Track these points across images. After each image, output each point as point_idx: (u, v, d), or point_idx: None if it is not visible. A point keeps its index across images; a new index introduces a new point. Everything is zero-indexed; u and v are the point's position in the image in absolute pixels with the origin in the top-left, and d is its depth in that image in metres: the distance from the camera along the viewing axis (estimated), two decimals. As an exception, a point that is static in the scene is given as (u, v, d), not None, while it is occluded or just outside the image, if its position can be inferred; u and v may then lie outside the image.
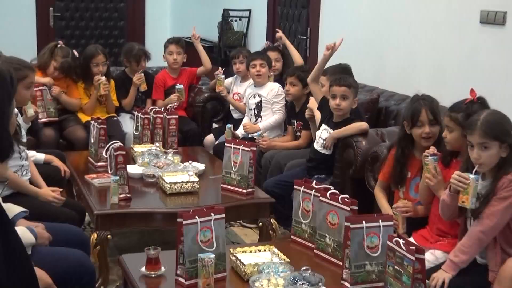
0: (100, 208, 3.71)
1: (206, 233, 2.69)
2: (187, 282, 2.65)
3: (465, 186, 2.88)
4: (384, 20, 5.21)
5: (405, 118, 3.53)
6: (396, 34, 5.08)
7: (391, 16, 5.13)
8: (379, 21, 5.28)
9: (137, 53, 5.72)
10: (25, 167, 3.68)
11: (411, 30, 4.92)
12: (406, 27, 4.96)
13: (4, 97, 2.04)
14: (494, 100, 3.33)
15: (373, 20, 5.35)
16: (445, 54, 4.58)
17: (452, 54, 4.51)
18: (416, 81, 4.72)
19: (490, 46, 4.18)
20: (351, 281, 2.67)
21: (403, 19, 5.00)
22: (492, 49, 4.17)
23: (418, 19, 4.83)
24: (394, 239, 2.49)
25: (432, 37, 4.70)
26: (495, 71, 4.14)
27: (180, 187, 3.90)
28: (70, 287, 2.63)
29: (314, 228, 3.06)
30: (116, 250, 4.01)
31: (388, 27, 5.17)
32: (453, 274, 2.91)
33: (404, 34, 4.99)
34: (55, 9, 8.72)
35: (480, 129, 2.88)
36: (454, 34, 4.48)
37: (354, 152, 4.13)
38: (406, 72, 4.97)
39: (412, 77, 4.86)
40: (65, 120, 5.41)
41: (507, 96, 3.87)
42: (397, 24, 5.06)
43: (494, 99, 3.36)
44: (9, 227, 2.12)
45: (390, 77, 5.11)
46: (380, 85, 5.15)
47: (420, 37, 4.82)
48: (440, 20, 4.61)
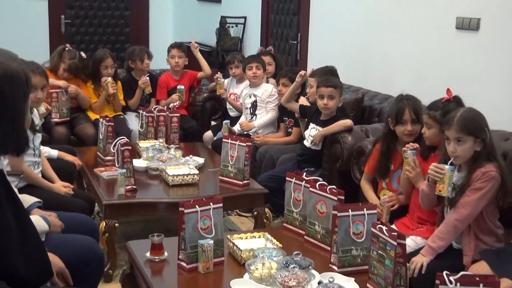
0: (108, 199, 3.72)
1: (205, 221, 2.69)
2: (188, 266, 2.65)
3: (441, 176, 2.89)
4: (369, 26, 5.21)
5: (390, 116, 3.54)
6: (380, 39, 5.07)
7: (375, 23, 5.13)
8: (364, 27, 5.28)
9: (140, 52, 5.72)
10: (37, 163, 3.69)
11: (393, 35, 4.92)
12: (389, 33, 4.96)
13: (20, 96, 2.03)
14: (469, 98, 3.34)
15: (358, 26, 5.35)
16: (424, 57, 4.58)
17: (430, 57, 4.51)
18: (397, 82, 4.73)
19: (465, 50, 4.18)
20: (338, 265, 2.68)
21: (386, 25, 4.99)
22: (467, 53, 4.17)
23: (400, 25, 4.83)
24: (377, 226, 2.50)
25: (412, 41, 4.70)
26: (469, 72, 4.14)
27: (182, 179, 3.90)
28: (81, 271, 2.62)
29: (305, 216, 3.07)
30: (123, 237, 4.01)
31: (372, 33, 5.17)
32: (431, 258, 2.91)
33: (386, 39, 4.99)
34: (66, 17, 8.70)
35: (456, 125, 2.88)
36: (432, 39, 4.48)
37: (340, 147, 4.13)
38: (388, 74, 4.97)
39: (394, 78, 4.86)
40: (76, 118, 5.40)
41: (480, 95, 3.87)
42: (381, 30, 5.06)
43: (469, 98, 3.36)
44: (25, 216, 2.12)
45: (374, 78, 5.11)
46: (364, 86, 5.15)
47: (401, 41, 4.82)
48: (419, 26, 4.61)
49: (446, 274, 2.07)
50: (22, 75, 2.06)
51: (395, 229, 2.46)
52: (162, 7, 9.17)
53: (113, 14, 8.97)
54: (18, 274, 1.96)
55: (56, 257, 2.43)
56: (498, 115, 3.64)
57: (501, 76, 3.93)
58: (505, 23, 3.88)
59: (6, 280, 1.91)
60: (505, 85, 3.89)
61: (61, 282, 2.42)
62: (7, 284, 1.91)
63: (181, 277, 2.63)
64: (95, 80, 5.49)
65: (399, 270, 2.38)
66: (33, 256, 2.08)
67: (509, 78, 3.87)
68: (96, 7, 8.86)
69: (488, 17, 4.01)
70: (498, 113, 3.67)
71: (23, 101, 2.05)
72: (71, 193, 3.70)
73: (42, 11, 8.52)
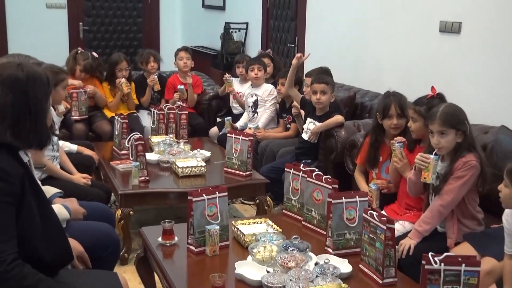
0: (123, 189, 3.72)
1: (212, 208, 2.69)
2: (197, 249, 2.65)
3: (426, 164, 2.90)
4: (360, 30, 5.20)
5: (378, 111, 3.54)
6: (370, 41, 5.06)
7: (365, 27, 5.12)
8: (355, 30, 5.27)
9: (146, 56, 5.72)
10: (55, 157, 3.71)
11: (382, 38, 4.91)
12: (378, 36, 4.95)
13: (42, 96, 2.04)
14: (451, 95, 3.34)
15: (350, 30, 5.34)
16: (410, 58, 4.57)
17: (416, 57, 4.51)
18: (386, 81, 4.72)
19: (448, 51, 4.18)
20: (333, 247, 2.68)
21: (375, 29, 4.98)
22: (449, 54, 4.17)
23: (388, 29, 4.82)
24: (368, 212, 2.50)
25: (399, 43, 4.69)
26: (452, 71, 4.14)
27: (190, 170, 3.91)
28: (99, 255, 2.63)
29: (302, 203, 3.07)
30: (137, 224, 4.01)
31: (363, 36, 5.16)
32: (417, 241, 2.92)
33: (376, 41, 4.98)
34: (84, 24, 8.69)
35: (439, 119, 2.88)
36: (418, 41, 4.47)
37: (335, 140, 4.14)
38: (378, 73, 4.96)
39: (383, 77, 4.85)
40: (94, 116, 5.40)
41: (462, 92, 3.87)
42: (371, 33, 5.05)
43: (451, 95, 3.36)
44: (47, 205, 2.12)
45: (365, 78, 5.10)
46: (356, 85, 5.14)
47: (390, 43, 4.81)
48: (406, 29, 4.60)
49: (432, 255, 2.07)
50: (44, 78, 2.06)
51: (384, 214, 2.46)
52: (171, 14, 9.16)
53: (126, 21, 8.96)
54: (41, 258, 1.96)
55: (77, 242, 2.44)
56: (478, 110, 3.64)
57: (481, 75, 3.92)
58: (484, 27, 3.87)
59: (31, 264, 1.91)
60: (485, 83, 3.89)
61: (81, 265, 2.43)
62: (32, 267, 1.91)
63: (190, 260, 2.63)
64: (111, 81, 5.50)
65: (388, 252, 2.38)
66: (55, 241, 2.08)
67: (488, 77, 3.87)
68: (111, 15, 8.86)
69: (469, 21, 4.00)
70: (478, 108, 3.67)
71: (45, 101, 2.06)
72: (89, 183, 3.72)
73: (62, 19, 8.51)
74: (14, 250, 1.88)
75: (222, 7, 7.82)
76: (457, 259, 2.07)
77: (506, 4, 3.70)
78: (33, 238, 1.97)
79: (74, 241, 2.41)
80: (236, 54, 6.67)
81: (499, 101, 3.77)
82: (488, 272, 2.57)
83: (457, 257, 2.08)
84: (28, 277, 1.87)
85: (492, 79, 3.84)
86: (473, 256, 2.13)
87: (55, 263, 2.09)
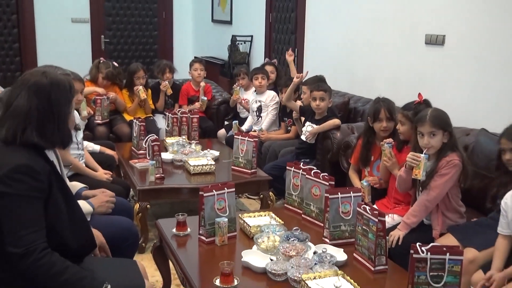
0: (141, 185, 3.72)
1: (221, 202, 2.69)
2: (207, 239, 2.65)
3: (417, 162, 2.89)
4: (353, 42, 5.19)
5: (369, 115, 3.53)
6: (362, 52, 5.06)
7: (358, 39, 5.11)
8: (349, 43, 5.26)
9: (163, 67, 5.73)
10: (81, 155, 3.71)
11: (373, 49, 4.90)
12: (370, 47, 4.94)
13: (64, 101, 2.04)
14: (436, 101, 3.34)
15: (345, 42, 5.33)
16: (399, 67, 4.56)
17: (404, 67, 4.50)
18: (377, 88, 4.71)
19: (433, 61, 4.17)
20: (330, 238, 2.67)
21: (367, 41, 4.98)
22: (434, 64, 4.16)
23: (379, 41, 4.81)
24: (362, 206, 2.49)
25: (389, 54, 4.68)
26: (436, 79, 4.13)
27: (201, 168, 3.91)
28: (120, 245, 2.62)
29: (302, 198, 3.06)
30: (153, 216, 4.01)
31: (356, 47, 5.15)
32: (406, 232, 2.92)
33: (368, 52, 4.98)
34: (105, 37, 8.69)
35: (429, 121, 2.88)
36: (406, 52, 4.47)
37: (331, 142, 4.13)
38: (369, 81, 4.95)
39: (374, 85, 4.84)
40: (114, 119, 5.41)
41: (446, 98, 3.86)
42: (363, 45, 5.04)
43: (436, 100, 3.36)
44: (72, 200, 2.13)
45: (358, 85, 5.10)
46: (350, 91, 5.13)
47: (380, 54, 4.80)
48: (395, 41, 4.59)
49: (419, 245, 2.06)
50: (67, 83, 2.06)
51: (376, 208, 2.46)
52: (183, 28, 9.16)
53: (143, 34, 8.96)
54: (68, 247, 1.97)
55: (99, 233, 2.44)
56: (460, 114, 3.63)
57: (462, 83, 3.91)
58: (466, 39, 3.87)
59: (59, 252, 1.91)
60: (466, 90, 3.88)
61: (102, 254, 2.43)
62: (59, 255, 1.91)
63: (201, 249, 2.62)
64: (130, 88, 5.51)
65: (380, 242, 2.38)
66: (80, 231, 2.09)
67: (469, 85, 3.86)
68: (130, 28, 8.85)
69: (452, 34, 3.99)
70: (460, 113, 3.66)
71: (67, 104, 2.06)
72: (110, 179, 3.72)
73: (86, 32, 8.52)
74: (44, 240, 1.88)
75: (229, 22, 7.82)
76: (442, 248, 2.06)
77: (485, 19, 3.69)
78: (60, 229, 1.97)
79: (98, 232, 2.42)
80: (242, 64, 6.68)
81: (479, 106, 3.77)
82: (471, 260, 2.56)
83: (442, 247, 2.07)
84: (57, 264, 1.87)
85: (473, 87, 3.83)
86: (456, 246, 2.12)
87: (80, 251, 2.09)
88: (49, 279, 1.85)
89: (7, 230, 1.84)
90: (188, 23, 9.19)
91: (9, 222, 1.84)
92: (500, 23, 3.58)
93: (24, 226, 1.84)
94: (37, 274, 1.85)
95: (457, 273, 2.06)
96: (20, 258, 1.82)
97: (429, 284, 2.05)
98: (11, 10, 8.08)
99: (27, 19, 8.11)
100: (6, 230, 1.84)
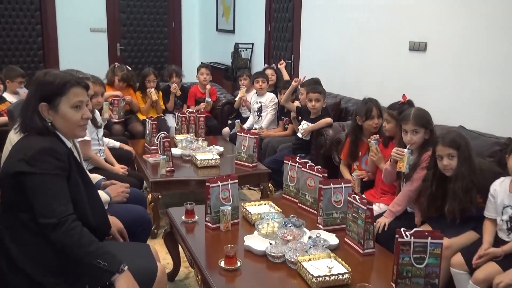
0: (153, 177, 3.73)
1: (225, 193, 2.70)
2: (213, 226, 2.66)
3: (401, 156, 2.89)
4: (344, 49, 5.19)
5: (358, 114, 3.52)
6: (352, 58, 5.05)
7: (348, 46, 5.11)
8: (340, 49, 5.26)
9: (171, 71, 5.77)
10: (101, 151, 3.70)
11: (362, 55, 4.90)
12: (359, 53, 4.94)
13: (42, 91, 2.01)
14: (419, 101, 3.34)
15: (336, 49, 5.33)
16: (385, 71, 4.56)
17: (390, 71, 4.50)
18: (365, 90, 4.70)
19: (416, 66, 4.17)
20: (323, 224, 2.68)
21: (357, 48, 4.97)
22: (417, 68, 4.16)
23: (367, 47, 4.80)
24: (352, 195, 2.50)
25: (376, 59, 4.68)
26: (419, 82, 4.13)
27: (207, 162, 3.91)
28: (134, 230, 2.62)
29: (298, 188, 3.07)
30: (164, 205, 4.00)
31: (347, 53, 5.15)
32: (391, 219, 2.93)
33: (357, 58, 4.97)
34: (121, 44, 8.69)
35: (413, 119, 2.88)
36: (391, 57, 4.46)
37: (324, 138, 4.13)
38: (359, 84, 4.95)
39: (363, 87, 4.84)
40: (129, 118, 5.42)
41: (427, 99, 3.85)
42: (353, 51, 5.03)
43: (419, 101, 3.36)
44: (91, 185, 2.15)
45: (349, 87, 5.09)
46: (342, 93, 5.13)
47: (368, 59, 4.80)
48: (382, 48, 4.59)
49: (403, 230, 2.07)
50: (61, 80, 2.03)
51: (364, 198, 2.46)
52: (191, 36, 9.15)
53: (155, 42, 8.96)
54: (88, 223, 1.97)
55: (117, 220, 2.44)
56: (440, 113, 3.63)
57: (442, 85, 3.91)
58: (446, 46, 3.86)
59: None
60: (445, 91, 3.88)
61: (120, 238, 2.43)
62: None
63: (208, 234, 2.63)
64: (143, 90, 5.52)
65: (368, 228, 2.39)
66: (97, 212, 2.10)
67: (448, 86, 3.86)
68: (143, 37, 8.85)
69: (433, 41, 3.99)
70: (440, 112, 3.66)
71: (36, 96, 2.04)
72: (126, 173, 3.72)
73: (103, 40, 8.52)
74: (73, 212, 1.89)
75: (232, 31, 7.81)
76: (424, 233, 2.06)
77: (463, 29, 3.69)
78: (81, 206, 1.97)
79: (116, 219, 2.42)
80: (244, 69, 6.68)
81: (458, 106, 3.76)
82: (447, 247, 2.56)
83: (424, 232, 2.07)
84: (85, 236, 1.87)
85: (452, 88, 3.82)
86: (437, 231, 2.12)
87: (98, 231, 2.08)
88: (77, 248, 1.85)
89: (40, 204, 1.84)
90: (195, 32, 9.18)
91: (41, 197, 1.84)
92: (475, 32, 3.58)
93: (55, 199, 1.85)
94: (67, 243, 1.84)
95: (437, 255, 2.06)
96: (53, 227, 1.82)
97: (412, 265, 2.05)
98: (36, 20, 8.09)
99: (50, 28, 8.12)
100: (38, 205, 1.84)
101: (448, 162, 2.62)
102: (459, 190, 2.57)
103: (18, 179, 1.86)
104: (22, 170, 1.85)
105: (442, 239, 2.08)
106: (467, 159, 2.60)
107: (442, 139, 2.66)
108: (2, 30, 7.97)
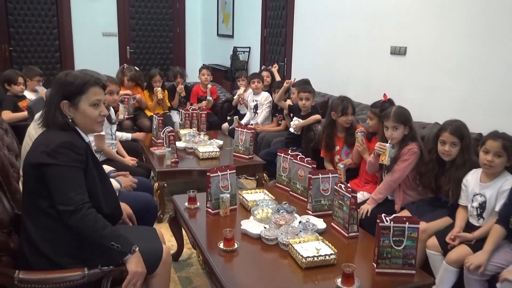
0: (159, 168, 3.72)
1: (224, 181, 2.70)
2: (213, 211, 2.66)
3: (383, 150, 2.90)
4: (332, 52, 5.18)
5: (334, 110, 3.53)
6: (339, 60, 5.05)
7: (336, 50, 5.10)
8: (329, 53, 5.25)
9: (175, 72, 5.75)
10: (114, 144, 3.70)
11: (348, 58, 4.89)
12: (345, 56, 4.93)
13: (63, 91, 1.99)
14: (399, 100, 3.34)
15: (325, 52, 5.32)
16: (369, 74, 4.56)
17: (373, 73, 4.49)
18: (351, 90, 4.71)
19: (396, 68, 4.17)
20: (312, 210, 2.69)
21: (343, 51, 4.97)
22: (397, 70, 4.16)
23: (352, 51, 4.80)
24: (338, 184, 2.50)
25: (361, 62, 4.67)
26: (399, 83, 4.13)
27: (208, 154, 3.91)
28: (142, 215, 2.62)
29: (290, 178, 3.07)
30: (169, 193, 4.00)
31: (334, 57, 5.14)
32: (373, 206, 2.94)
33: (344, 60, 4.97)
34: (130, 48, 8.64)
35: (393, 117, 2.89)
36: (374, 60, 4.46)
37: (313, 133, 4.12)
38: (345, 84, 4.94)
39: (349, 87, 4.84)
40: (138, 115, 5.38)
41: (406, 98, 3.86)
42: (340, 54, 5.03)
43: (399, 100, 3.36)
44: (104, 175, 2.13)
45: (336, 87, 5.08)
46: (329, 92, 5.12)
47: (354, 62, 4.79)
48: (365, 52, 4.58)
49: (384, 216, 2.08)
50: (80, 80, 2.01)
51: (349, 186, 2.47)
52: (194, 40, 9.11)
53: (161, 46, 8.92)
54: (102, 210, 1.97)
55: (127, 206, 2.44)
56: (419, 111, 3.64)
57: (420, 86, 3.91)
58: (423, 50, 3.86)
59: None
60: (422, 91, 3.88)
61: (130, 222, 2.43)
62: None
63: (208, 219, 2.63)
64: (150, 89, 5.50)
65: (352, 214, 2.39)
66: (110, 200, 2.09)
67: (425, 87, 3.86)
68: (150, 41, 8.80)
69: (412, 46, 3.99)
70: (418, 110, 3.67)
71: (71, 95, 2.02)
72: (135, 164, 3.72)
73: (114, 44, 8.47)
74: (88, 200, 1.89)
75: (231, 35, 7.78)
76: (403, 219, 2.07)
77: (439, 35, 3.69)
78: (95, 195, 1.97)
79: (126, 205, 2.42)
80: (242, 70, 6.66)
81: (433, 104, 3.77)
82: (423, 230, 2.58)
83: (403, 217, 2.08)
84: (100, 221, 1.87)
85: (428, 89, 3.83)
86: (414, 216, 2.13)
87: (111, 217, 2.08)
88: (93, 232, 1.85)
89: (59, 193, 1.84)
90: (197, 36, 9.14)
91: (59, 186, 1.84)
92: (448, 39, 3.58)
93: (72, 188, 1.85)
94: (83, 228, 1.85)
95: (414, 238, 2.07)
96: (71, 214, 1.83)
97: (392, 247, 2.06)
98: (53, 25, 8.04)
99: (66, 33, 8.06)
100: (57, 193, 1.85)
101: (450, 149, 2.63)
102: (460, 175, 2.58)
103: (40, 170, 1.86)
104: (43, 161, 1.84)
105: (419, 224, 2.09)
106: (466, 149, 2.62)
107: (450, 127, 2.65)
108: (23, 34, 7.93)
